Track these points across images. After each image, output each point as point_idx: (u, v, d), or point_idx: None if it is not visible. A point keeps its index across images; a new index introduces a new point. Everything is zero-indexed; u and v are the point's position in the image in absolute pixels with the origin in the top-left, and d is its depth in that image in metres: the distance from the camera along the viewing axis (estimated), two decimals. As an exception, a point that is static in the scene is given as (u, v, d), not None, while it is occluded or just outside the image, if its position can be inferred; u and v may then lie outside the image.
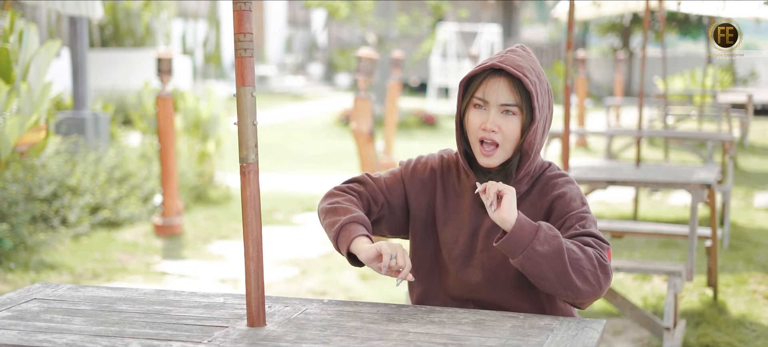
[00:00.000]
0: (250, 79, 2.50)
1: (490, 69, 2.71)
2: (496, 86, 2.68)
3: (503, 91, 2.68)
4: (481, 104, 2.71)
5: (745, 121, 15.27)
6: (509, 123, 2.69)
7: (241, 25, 2.49)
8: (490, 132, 2.69)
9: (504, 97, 2.68)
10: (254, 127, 2.52)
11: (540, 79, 2.72)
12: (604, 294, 5.33)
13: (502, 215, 2.56)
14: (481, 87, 2.71)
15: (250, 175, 2.52)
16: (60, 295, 2.87)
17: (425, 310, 2.68)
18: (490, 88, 2.69)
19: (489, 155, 2.71)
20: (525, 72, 2.67)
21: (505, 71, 2.68)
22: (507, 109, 2.69)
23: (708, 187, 5.46)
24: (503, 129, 2.69)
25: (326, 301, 2.77)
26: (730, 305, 6.14)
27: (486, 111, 2.71)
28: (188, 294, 2.87)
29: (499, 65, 2.67)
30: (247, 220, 2.54)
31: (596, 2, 11.11)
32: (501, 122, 2.69)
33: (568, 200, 2.73)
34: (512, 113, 2.69)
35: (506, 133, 2.69)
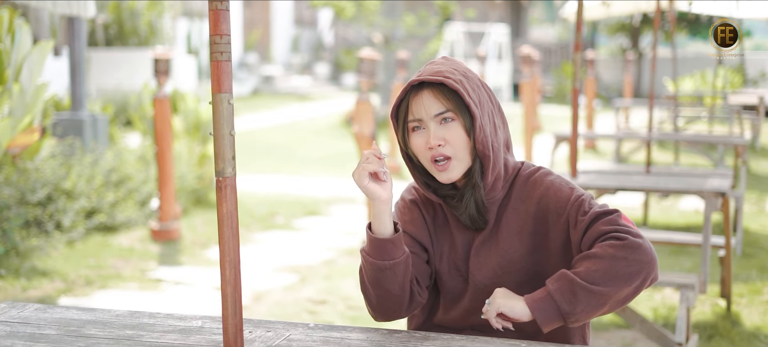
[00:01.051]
0: (227, 86, 2.28)
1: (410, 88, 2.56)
2: (422, 100, 2.53)
3: (430, 102, 2.52)
4: (418, 125, 2.55)
5: (756, 123, 15.04)
6: (451, 130, 2.52)
7: (217, 26, 2.27)
8: (437, 147, 2.52)
9: (434, 107, 2.52)
10: (232, 137, 2.30)
11: (466, 76, 2.55)
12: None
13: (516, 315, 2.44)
14: (410, 108, 2.55)
15: (226, 190, 2.30)
16: (25, 317, 2.66)
17: (419, 337, 2.46)
18: (416, 105, 2.54)
19: (445, 169, 2.54)
20: (445, 74, 2.51)
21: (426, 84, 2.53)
22: (443, 118, 2.52)
23: (722, 195, 5.24)
24: (448, 139, 2.52)
25: (312, 326, 2.55)
26: (743, 316, 5.92)
27: (425, 130, 2.54)
28: (164, 317, 2.66)
29: (417, 79, 2.53)
30: (224, 240, 2.32)
31: (605, 2, 10.89)
32: (443, 133, 2.52)
33: (556, 192, 2.55)
34: (450, 119, 2.52)
35: (452, 141, 2.52)
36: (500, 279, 2.58)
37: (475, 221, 2.61)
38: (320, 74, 30.97)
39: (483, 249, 2.61)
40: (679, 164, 11.68)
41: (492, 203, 2.60)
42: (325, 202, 10.28)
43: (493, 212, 2.61)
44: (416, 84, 2.55)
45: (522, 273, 2.58)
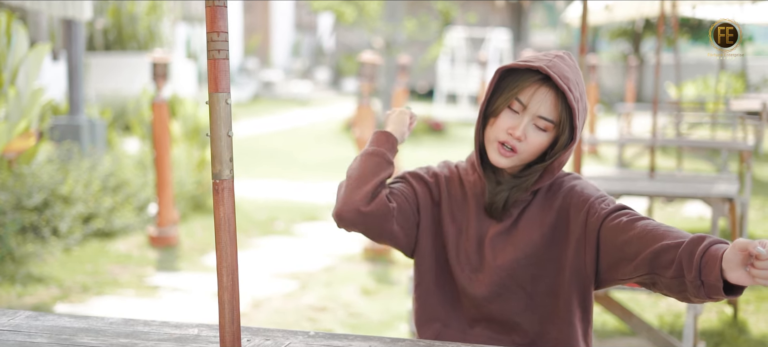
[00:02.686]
0: (224, 84, 2.19)
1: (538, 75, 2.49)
2: (542, 98, 2.48)
3: (546, 104, 2.48)
4: (518, 110, 2.50)
5: (759, 129, 14.94)
6: (537, 136, 2.50)
7: (214, 22, 2.18)
8: (516, 139, 2.49)
9: (545, 110, 2.48)
10: (229, 139, 2.20)
11: (582, 96, 2.52)
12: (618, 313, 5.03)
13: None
14: (527, 92, 2.49)
15: (224, 193, 2.21)
16: (16, 325, 2.57)
17: (423, 345, 2.37)
18: (535, 98, 2.48)
19: (505, 156, 2.52)
20: (570, 86, 2.47)
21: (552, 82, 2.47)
22: (541, 123, 2.49)
23: (729, 201, 5.15)
24: (529, 140, 2.50)
25: (312, 333, 2.46)
26: (750, 324, 5.83)
27: (520, 116, 2.50)
28: (159, 325, 2.57)
29: (547, 71, 2.45)
30: (221, 245, 2.23)
31: (608, 6, 10.81)
32: (529, 133, 2.49)
33: (581, 190, 2.55)
34: (544, 129, 2.50)
35: (531, 145, 2.51)
36: (516, 266, 2.55)
37: (495, 210, 2.58)
38: (321, 79, 30.89)
39: (499, 240, 2.58)
40: (682, 170, 11.59)
41: (519, 202, 2.58)
42: (325, 208, 10.19)
43: (518, 208, 2.58)
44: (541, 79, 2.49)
45: (538, 266, 2.55)
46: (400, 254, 7.77)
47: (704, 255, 2.13)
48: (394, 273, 7.28)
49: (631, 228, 2.35)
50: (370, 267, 7.49)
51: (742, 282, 2.04)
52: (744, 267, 2.03)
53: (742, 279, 2.04)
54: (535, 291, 2.55)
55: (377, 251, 7.77)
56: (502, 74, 2.54)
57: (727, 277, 2.06)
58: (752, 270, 2.00)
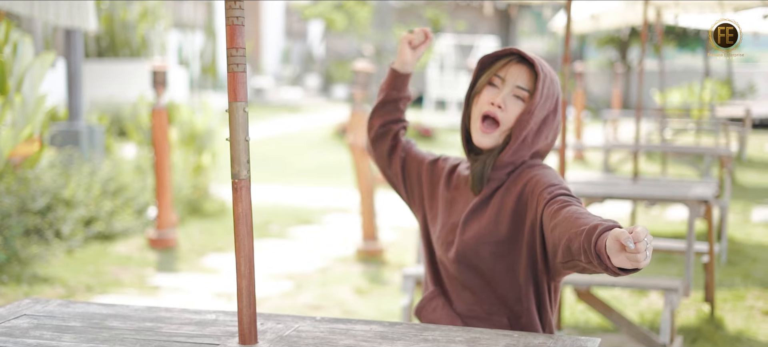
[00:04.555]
0: (242, 95, 2.46)
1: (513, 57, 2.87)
2: (517, 70, 2.84)
3: (522, 74, 2.84)
4: (498, 84, 2.85)
5: (743, 135, 15.26)
6: (515, 105, 2.83)
7: (233, 39, 2.46)
8: (496, 107, 2.82)
9: (521, 80, 2.83)
10: (246, 143, 2.48)
11: (552, 79, 2.85)
12: (600, 310, 5.31)
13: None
14: (504, 69, 2.86)
15: (242, 191, 2.49)
16: (50, 311, 2.83)
17: (419, 328, 2.64)
18: (510, 70, 2.85)
19: (487, 132, 2.85)
20: (542, 63, 2.84)
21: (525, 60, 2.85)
22: (519, 92, 2.82)
23: (705, 202, 5.43)
24: (509, 108, 2.82)
25: (319, 319, 2.73)
26: (727, 321, 6.11)
27: (499, 89, 2.85)
28: (179, 311, 2.83)
29: (519, 51, 2.85)
30: (240, 237, 2.50)
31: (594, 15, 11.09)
32: (509, 102, 2.82)
33: (540, 178, 2.80)
34: (522, 98, 2.83)
35: (509, 112, 2.83)
36: (479, 246, 2.83)
37: (475, 181, 2.88)
38: (311, 86, 31.13)
39: (474, 215, 2.87)
40: (666, 175, 11.88)
41: (493, 180, 2.86)
42: (318, 212, 10.45)
43: (491, 187, 2.87)
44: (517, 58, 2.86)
45: (498, 246, 2.82)
46: (393, 256, 8.05)
47: (597, 246, 2.36)
48: (387, 274, 7.55)
49: (558, 215, 2.59)
50: (363, 267, 7.76)
51: (625, 265, 2.28)
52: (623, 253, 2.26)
53: (624, 263, 2.28)
54: (495, 268, 2.84)
55: (370, 253, 8.03)
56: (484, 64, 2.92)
57: (613, 262, 2.30)
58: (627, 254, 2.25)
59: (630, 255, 2.23)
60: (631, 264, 2.26)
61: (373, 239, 8.11)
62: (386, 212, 9.83)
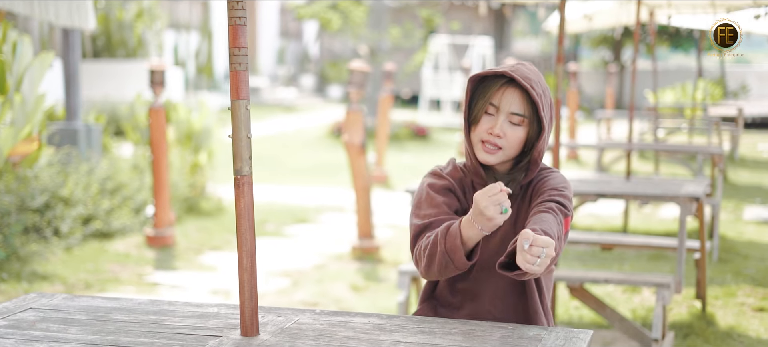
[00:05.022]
0: (244, 93, 2.54)
1: (504, 78, 2.88)
2: (507, 95, 2.87)
3: (515, 100, 2.87)
4: (493, 113, 2.89)
5: (735, 134, 15.35)
6: (514, 132, 2.88)
7: (235, 39, 2.53)
8: (495, 137, 2.87)
9: (515, 106, 2.87)
10: (248, 140, 2.56)
11: (545, 93, 2.90)
12: (593, 306, 5.39)
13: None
14: (497, 95, 2.88)
15: (244, 187, 2.57)
16: (55, 305, 2.91)
17: (415, 320, 2.72)
18: (499, 96, 2.87)
19: (490, 153, 2.89)
20: (532, 84, 2.85)
21: (517, 83, 2.86)
22: (513, 117, 2.87)
23: (696, 200, 5.51)
24: (508, 136, 2.87)
25: (318, 311, 2.81)
26: (718, 317, 6.19)
27: (495, 117, 2.88)
28: (182, 304, 2.91)
29: (511, 74, 2.84)
30: (242, 231, 2.58)
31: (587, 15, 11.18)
32: (507, 130, 2.87)
33: (546, 180, 2.92)
34: (517, 123, 2.87)
35: (510, 140, 2.88)
36: (497, 255, 2.87)
37: None
38: (306, 86, 31.18)
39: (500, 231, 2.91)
40: (659, 174, 11.97)
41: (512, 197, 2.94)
42: (313, 210, 10.52)
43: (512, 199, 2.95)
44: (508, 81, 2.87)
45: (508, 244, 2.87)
46: (388, 253, 8.13)
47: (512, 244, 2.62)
48: (382, 271, 7.62)
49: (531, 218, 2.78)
50: (359, 265, 7.83)
51: (519, 263, 2.50)
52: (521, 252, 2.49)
53: (520, 260, 2.49)
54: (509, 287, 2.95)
55: (365, 250, 8.10)
56: (477, 82, 2.94)
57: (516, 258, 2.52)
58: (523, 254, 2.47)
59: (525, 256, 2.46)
60: (521, 264, 2.48)
61: (369, 237, 8.18)
62: (381, 210, 9.91)
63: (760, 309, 6.38)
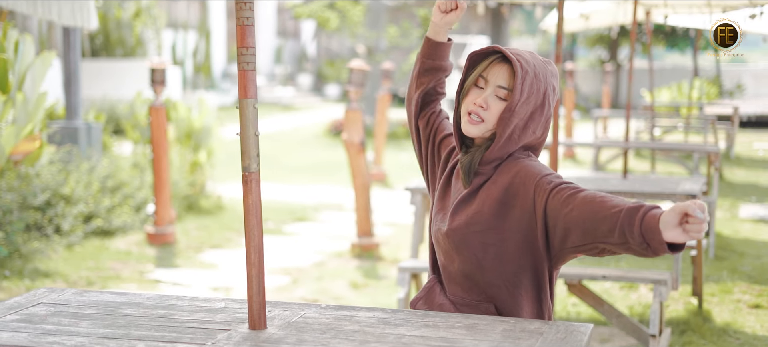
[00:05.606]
0: (252, 92, 2.60)
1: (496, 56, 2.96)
2: (498, 69, 2.94)
3: (503, 74, 2.93)
4: (482, 85, 2.95)
5: (730, 133, 15.43)
6: (497, 104, 2.93)
7: (243, 39, 2.59)
8: (479, 106, 2.93)
9: (501, 79, 2.92)
10: (256, 137, 2.62)
11: (536, 75, 2.92)
12: (591, 302, 5.45)
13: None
14: (487, 69, 2.96)
15: (251, 183, 2.62)
16: (65, 299, 2.96)
17: (420, 314, 2.78)
18: (492, 70, 2.94)
19: (473, 123, 2.96)
20: (521, 60, 2.89)
21: (506, 58, 2.93)
22: (500, 92, 2.92)
23: (693, 197, 5.58)
24: (491, 107, 2.93)
25: (324, 306, 2.87)
26: (714, 314, 6.26)
27: (483, 90, 2.95)
28: (190, 299, 2.96)
29: (500, 49, 2.94)
30: (249, 227, 2.64)
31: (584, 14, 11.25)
32: (491, 102, 2.93)
33: (529, 170, 2.92)
34: (504, 97, 2.92)
35: (492, 113, 2.93)
36: (467, 234, 2.95)
37: (464, 174, 3.00)
38: (303, 85, 31.24)
39: (461, 205, 3.00)
40: (655, 173, 12.04)
41: (482, 174, 2.98)
42: (312, 208, 10.58)
43: (480, 180, 2.98)
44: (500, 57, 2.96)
45: (486, 234, 2.93)
46: (387, 251, 8.19)
47: (643, 222, 2.54)
48: (381, 269, 7.68)
49: (573, 199, 2.73)
50: (359, 263, 7.90)
51: (678, 239, 2.45)
52: (679, 227, 2.44)
53: (678, 237, 2.44)
54: (485, 257, 2.95)
55: (365, 248, 8.17)
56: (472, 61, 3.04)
57: (664, 236, 2.48)
58: (686, 226, 2.42)
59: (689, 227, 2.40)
60: (686, 238, 2.43)
61: (369, 234, 8.24)
62: (380, 208, 9.97)
63: (756, 305, 6.45)
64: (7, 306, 2.87)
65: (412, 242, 6.11)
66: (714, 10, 8.63)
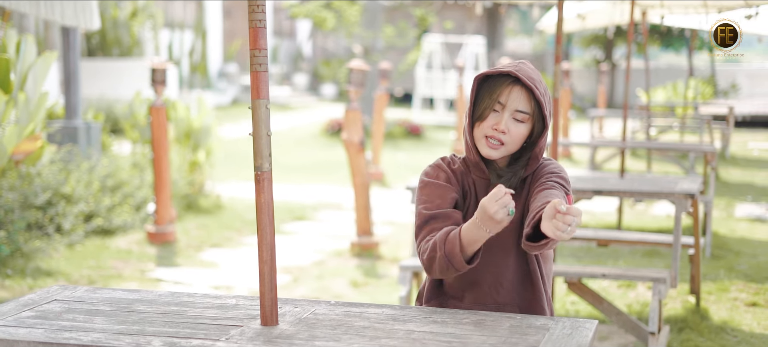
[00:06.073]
0: (264, 93, 2.65)
1: (510, 78, 3.00)
2: (516, 95, 2.98)
3: (521, 99, 2.98)
4: (498, 109, 3.00)
5: (726, 133, 15.50)
6: (517, 128, 2.99)
7: (256, 41, 2.65)
8: (500, 133, 2.98)
9: (521, 104, 2.98)
10: (268, 137, 2.67)
11: (546, 93, 3.03)
12: (591, 300, 5.51)
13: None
14: (504, 94, 2.99)
15: (264, 182, 2.68)
16: (79, 297, 3.01)
17: (427, 311, 2.83)
18: (511, 96, 2.98)
19: (494, 148, 3.01)
20: (536, 84, 2.98)
21: (520, 82, 2.98)
22: (518, 115, 2.98)
23: (691, 197, 5.64)
24: (511, 133, 2.99)
25: (333, 303, 2.92)
26: (712, 312, 6.32)
27: (500, 114, 2.99)
28: (201, 296, 3.02)
29: (516, 74, 2.97)
30: (262, 225, 2.69)
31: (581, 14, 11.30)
32: (511, 126, 2.99)
33: (543, 167, 3.05)
34: (522, 120, 2.99)
35: (513, 136, 2.99)
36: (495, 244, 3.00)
37: None
38: (299, 85, 31.28)
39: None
40: (652, 172, 12.11)
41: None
42: (311, 208, 10.62)
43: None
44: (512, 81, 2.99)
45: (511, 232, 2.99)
46: (386, 250, 8.24)
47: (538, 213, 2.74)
48: (381, 268, 7.74)
49: (539, 194, 2.90)
50: (358, 261, 7.95)
51: (547, 232, 2.56)
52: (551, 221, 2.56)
53: (547, 229, 2.56)
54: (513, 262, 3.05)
55: (364, 247, 8.22)
56: (481, 81, 3.07)
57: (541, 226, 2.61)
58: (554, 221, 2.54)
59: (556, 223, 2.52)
60: (550, 232, 2.54)
61: (368, 233, 8.29)
62: (379, 207, 10.02)
63: (753, 303, 6.51)
64: (21, 303, 2.92)
65: (413, 241, 6.16)
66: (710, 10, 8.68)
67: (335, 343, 2.49)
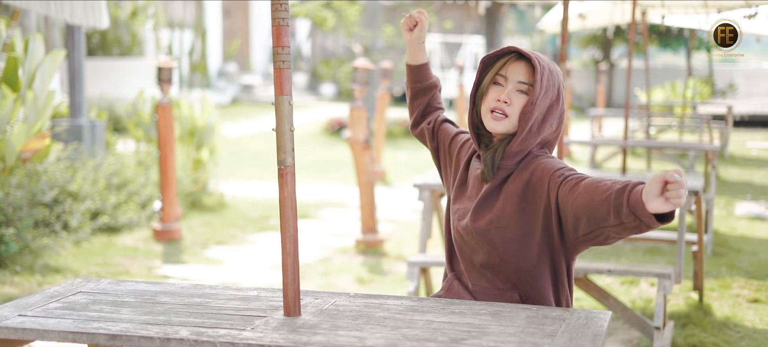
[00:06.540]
0: (287, 89, 2.72)
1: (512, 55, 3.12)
2: (516, 66, 3.10)
3: (521, 70, 3.09)
4: (501, 82, 3.10)
5: (724, 132, 15.58)
6: (519, 99, 3.09)
7: (279, 39, 2.71)
8: (503, 103, 3.08)
9: (522, 75, 3.08)
10: (291, 132, 2.74)
11: (551, 71, 3.10)
12: (596, 296, 5.58)
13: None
14: (505, 67, 3.11)
15: (287, 176, 2.74)
16: (103, 289, 3.08)
17: (445, 302, 2.90)
18: (511, 68, 3.10)
19: (497, 120, 3.10)
20: (538, 57, 3.08)
21: (522, 55, 3.10)
22: (522, 87, 3.07)
23: (695, 194, 5.71)
24: (514, 103, 3.08)
25: (353, 294, 2.99)
26: (715, 308, 6.39)
27: (504, 87, 3.10)
28: (222, 288, 3.09)
29: (516, 48, 3.11)
30: (285, 218, 2.76)
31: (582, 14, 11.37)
32: (514, 98, 3.08)
33: (546, 164, 3.07)
34: (525, 91, 3.08)
35: (515, 106, 3.08)
36: (489, 230, 3.07)
37: (486, 170, 3.12)
38: (298, 84, 31.34)
39: (485, 202, 3.11)
40: (652, 171, 12.18)
41: (503, 169, 3.11)
42: (314, 206, 10.68)
43: (501, 176, 3.11)
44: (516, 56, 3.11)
45: (509, 229, 3.05)
46: (392, 247, 8.31)
47: (630, 200, 2.66)
48: (386, 264, 7.80)
49: (577, 188, 2.86)
50: (363, 258, 8.02)
51: (661, 209, 2.56)
52: (661, 196, 2.55)
53: (661, 206, 2.55)
54: (507, 251, 3.07)
55: (369, 244, 8.28)
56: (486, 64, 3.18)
57: (648, 208, 2.58)
58: (666, 193, 2.53)
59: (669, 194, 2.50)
60: (667, 206, 2.53)
61: (373, 231, 8.36)
62: (382, 205, 10.09)
63: (755, 300, 6.59)
64: (47, 295, 2.99)
65: (420, 237, 6.23)
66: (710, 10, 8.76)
67: (358, 333, 2.56)
